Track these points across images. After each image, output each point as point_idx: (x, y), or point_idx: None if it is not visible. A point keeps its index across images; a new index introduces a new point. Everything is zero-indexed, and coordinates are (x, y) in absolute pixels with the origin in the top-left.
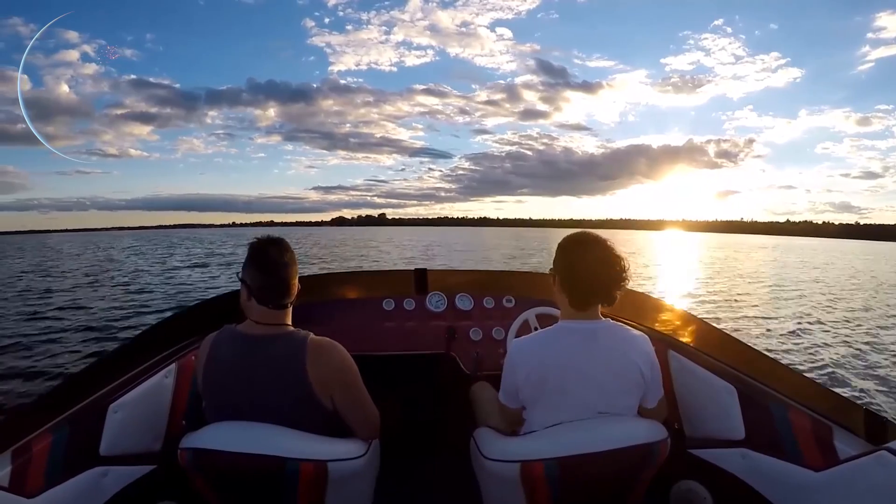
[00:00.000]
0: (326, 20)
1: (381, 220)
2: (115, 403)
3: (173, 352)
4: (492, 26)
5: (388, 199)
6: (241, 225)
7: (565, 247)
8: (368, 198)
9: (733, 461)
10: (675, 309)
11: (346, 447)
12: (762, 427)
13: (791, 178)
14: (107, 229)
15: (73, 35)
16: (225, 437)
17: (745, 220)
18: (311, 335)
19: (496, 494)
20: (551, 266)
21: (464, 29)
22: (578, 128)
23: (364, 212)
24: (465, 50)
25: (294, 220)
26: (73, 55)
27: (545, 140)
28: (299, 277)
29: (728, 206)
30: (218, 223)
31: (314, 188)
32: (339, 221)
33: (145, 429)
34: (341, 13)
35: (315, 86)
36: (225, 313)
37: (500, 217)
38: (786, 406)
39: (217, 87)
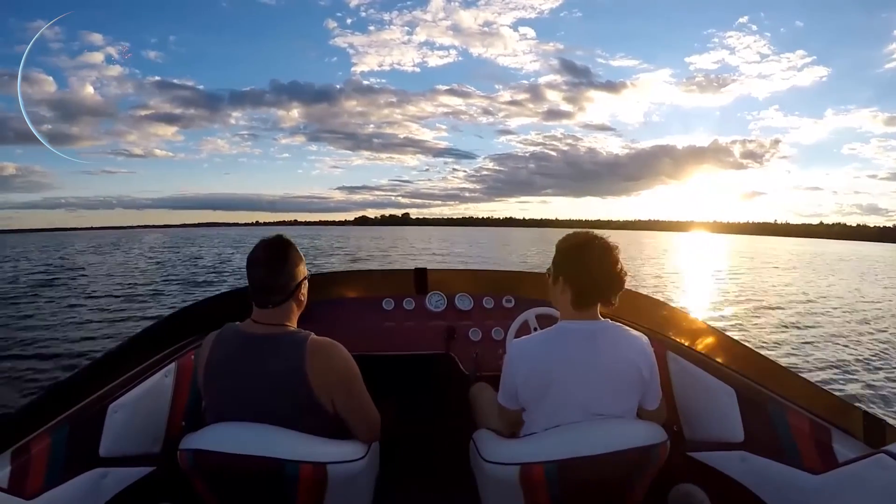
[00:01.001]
0: (348, 21)
1: (405, 220)
2: (114, 404)
3: (172, 351)
4: (514, 25)
5: (413, 200)
6: (265, 224)
7: (569, 246)
8: (393, 198)
9: (732, 464)
10: (675, 310)
11: (345, 449)
12: (761, 430)
13: (817, 180)
14: (132, 227)
15: (97, 37)
16: (224, 438)
17: (778, 221)
18: (312, 335)
19: (495, 497)
20: (549, 266)
21: (486, 29)
22: (602, 128)
23: (388, 211)
24: (488, 50)
25: (317, 220)
26: (98, 57)
27: (569, 141)
28: None
29: (754, 207)
30: (242, 222)
31: (339, 188)
32: (362, 221)
33: (145, 430)
34: (363, 14)
35: (338, 87)
36: (224, 313)
37: (526, 217)
38: (785, 408)
39: (240, 89)
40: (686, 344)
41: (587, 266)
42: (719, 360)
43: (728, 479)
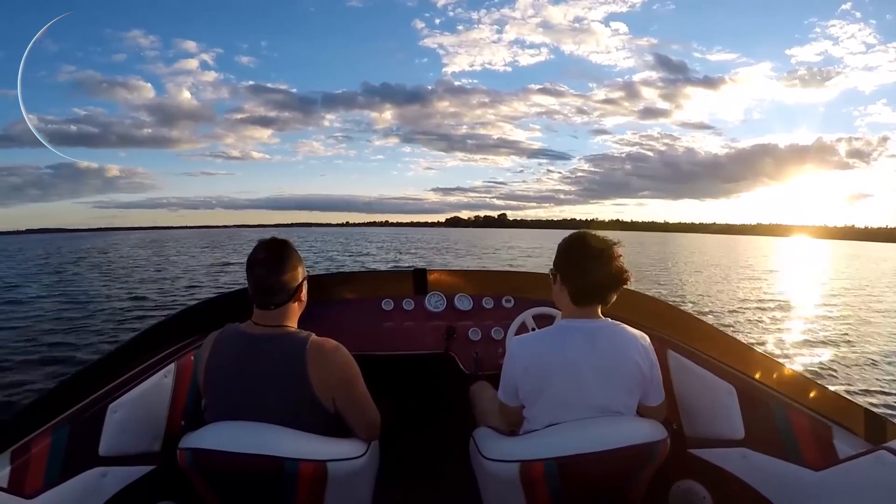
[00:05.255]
0: (437, 21)
1: (502, 222)
2: (114, 403)
3: (172, 352)
4: (606, 21)
5: (508, 202)
6: (355, 224)
7: (566, 245)
8: (487, 199)
9: (733, 461)
10: (676, 309)
11: (345, 447)
12: (762, 427)
13: None
14: (228, 227)
15: (191, 45)
16: (224, 437)
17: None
18: (313, 336)
19: (496, 494)
20: (551, 266)
21: (577, 25)
22: (701, 126)
23: (483, 213)
24: (580, 47)
25: (409, 221)
26: (193, 64)
27: (666, 140)
28: None
29: (860, 210)
30: (334, 222)
31: (433, 189)
32: (455, 222)
33: (145, 429)
34: (451, 13)
35: (430, 87)
36: (223, 313)
37: (634, 220)
38: (785, 406)
39: (332, 91)
40: (687, 342)
41: (583, 265)
42: (720, 358)
43: (729, 475)
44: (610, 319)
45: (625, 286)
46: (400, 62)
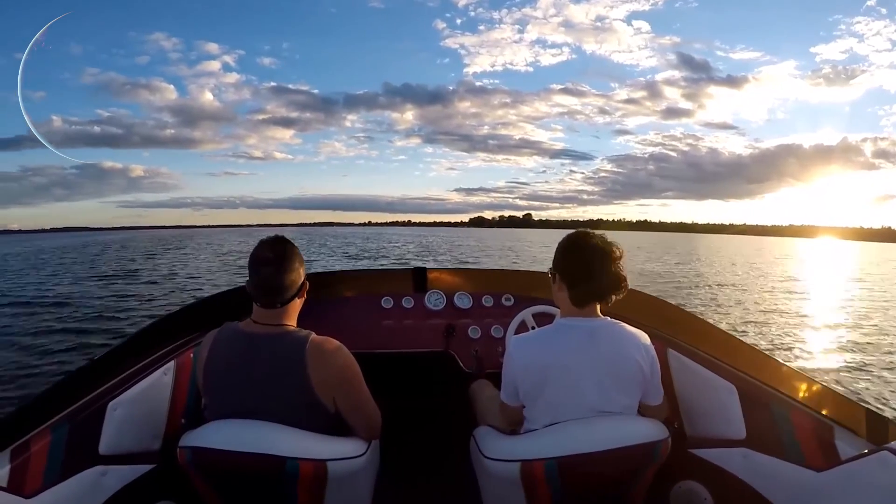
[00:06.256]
0: (458, 21)
1: (527, 222)
2: (114, 401)
3: (172, 349)
4: (628, 20)
5: (530, 202)
6: (377, 224)
7: (565, 245)
8: (510, 200)
9: (734, 461)
10: (676, 308)
11: (345, 446)
12: (763, 427)
13: None
14: (252, 226)
15: (213, 47)
16: (224, 435)
17: None
18: (313, 335)
19: (496, 494)
20: (551, 266)
21: (599, 24)
22: (724, 126)
23: (506, 213)
24: (602, 46)
25: (431, 221)
26: (215, 65)
27: (689, 140)
28: None
29: (886, 211)
30: (356, 222)
31: (456, 190)
32: (478, 222)
33: (144, 427)
34: (472, 13)
35: (451, 88)
36: (222, 311)
37: (663, 221)
38: (787, 406)
39: (354, 92)
40: (687, 342)
41: (580, 265)
42: (721, 358)
43: (730, 475)
44: (609, 318)
45: (623, 287)
46: (421, 62)
